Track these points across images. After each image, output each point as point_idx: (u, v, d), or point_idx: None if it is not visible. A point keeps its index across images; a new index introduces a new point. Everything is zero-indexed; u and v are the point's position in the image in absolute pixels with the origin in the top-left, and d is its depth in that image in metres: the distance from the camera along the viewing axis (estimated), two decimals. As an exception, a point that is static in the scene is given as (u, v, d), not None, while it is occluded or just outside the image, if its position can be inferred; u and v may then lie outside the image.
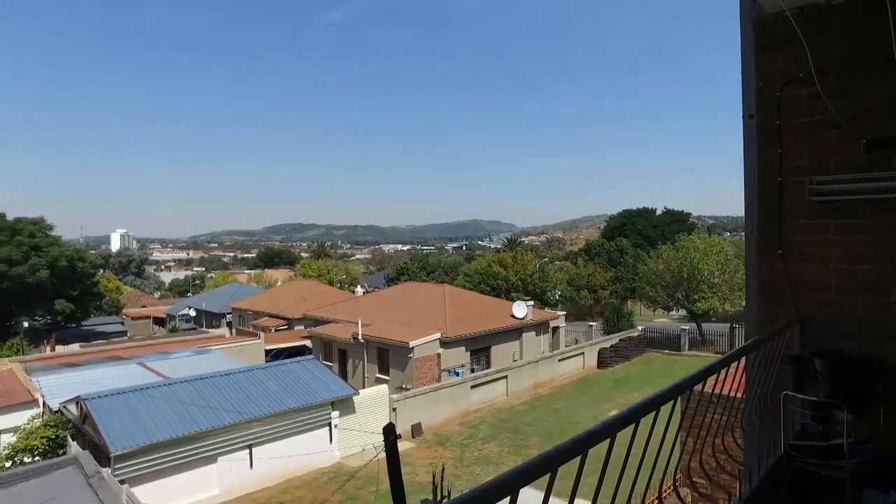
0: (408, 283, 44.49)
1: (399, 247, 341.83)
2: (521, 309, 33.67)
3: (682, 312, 44.43)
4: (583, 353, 34.41)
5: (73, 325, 47.84)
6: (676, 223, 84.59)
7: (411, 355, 27.78)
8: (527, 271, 51.97)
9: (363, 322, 31.45)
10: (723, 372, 2.40)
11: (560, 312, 40.36)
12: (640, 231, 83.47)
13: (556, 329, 38.64)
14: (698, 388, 2.29)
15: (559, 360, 32.50)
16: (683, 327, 38.87)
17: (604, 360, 34.87)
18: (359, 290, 52.77)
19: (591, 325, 42.97)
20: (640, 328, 40.44)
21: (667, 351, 37.85)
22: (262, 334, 36.70)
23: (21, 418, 19.70)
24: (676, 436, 2.20)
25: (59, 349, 36.05)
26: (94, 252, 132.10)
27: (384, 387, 23.32)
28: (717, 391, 2.43)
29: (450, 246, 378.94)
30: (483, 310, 34.59)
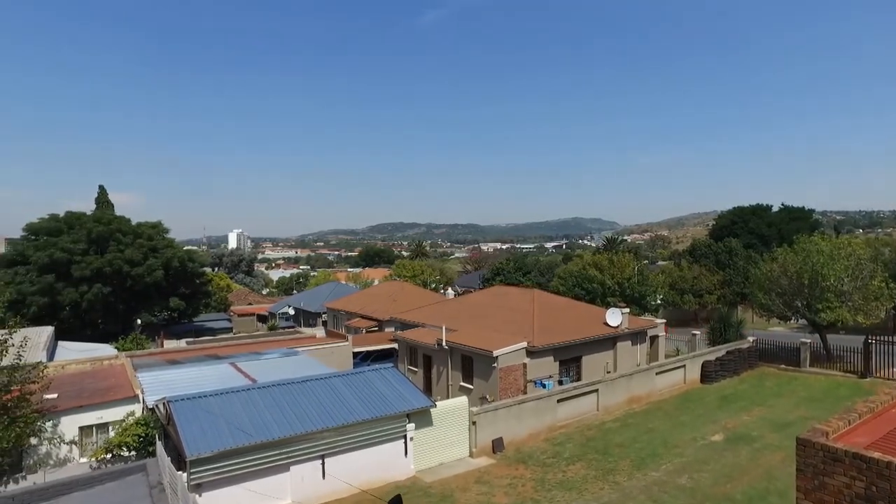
0: (497, 288, 43.39)
1: (498, 245, 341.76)
2: (615, 317, 31.54)
3: (802, 322, 39.83)
4: (684, 366, 31.62)
5: (185, 321, 51.54)
6: (796, 221, 76.94)
7: (495, 365, 26.76)
8: (624, 274, 49.06)
9: (449, 327, 30.88)
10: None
11: (659, 320, 37.51)
12: (753, 230, 76.71)
13: (654, 338, 35.99)
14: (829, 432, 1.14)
15: (657, 374, 30.02)
16: (804, 339, 34.67)
17: (708, 373, 31.86)
18: (449, 292, 52.45)
19: (694, 334, 39.67)
20: (751, 338, 36.70)
21: (783, 366, 33.98)
22: (351, 336, 37.20)
23: (123, 413, 20.96)
24: None
25: (169, 344, 38.60)
26: (213, 251, 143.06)
27: (463, 399, 22.47)
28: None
29: (549, 245, 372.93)
30: (574, 317, 32.83)
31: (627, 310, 33.38)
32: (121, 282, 43.27)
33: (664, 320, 38.25)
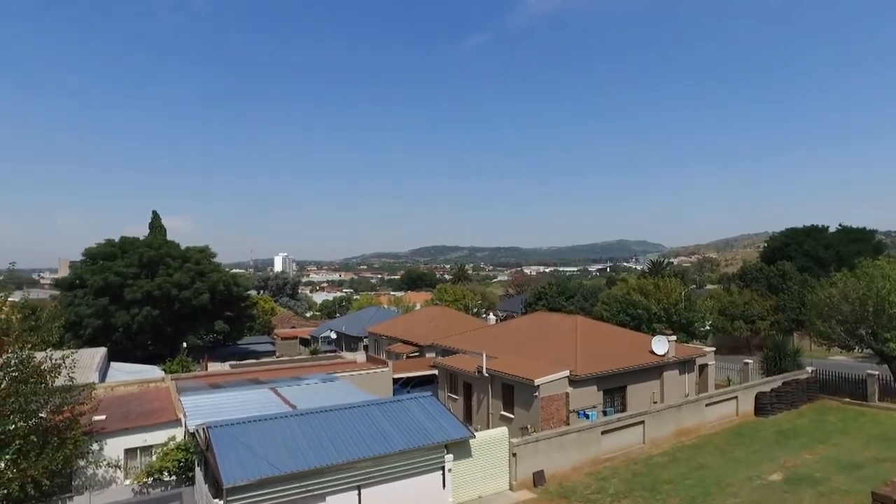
0: (539, 314, 42.66)
1: (541, 269, 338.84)
2: (661, 345, 30.41)
3: (868, 351, 37.50)
4: (736, 397, 30.08)
5: (230, 343, 52.58)
6: (856, 243, 73.25)
7: (537, 394, 26.08)
8: (670, 299, 47.52)
9: (489, 354, 30.37)
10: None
11: (709, 348, 35.97)
12: (808, 252, 73.41)
13: (703, 367, 34.49)
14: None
15: (707, 405, 28.63)
16: (871, 371, 32.47)
17: (763, 406, 30.19)
18: (491, 317, 51.86)
19: (746, 363, 37.84)
20: (809, 369, 34.71)
21: (848, 399, 31.91)
22: (391, 362, 37.04)
23: (165, 436, 21.27)
24: None
25: (213, 367, 39.32)
26: (259, 274, 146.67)
27: (504, 429, 21.87)
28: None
29: (593, 268, 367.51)
30: (619, 344, 31.82)
31: (674, 337, 32.18)
32: (169, 305, 44.60)
33: (713, 348, 36.66)
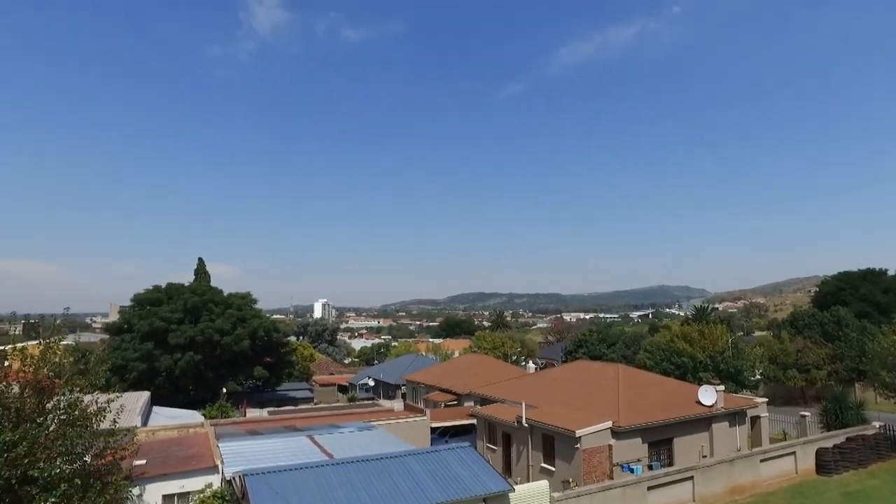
0: (580, 363, 41.66)
1: (581, 315, 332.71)
2: (708, 395, 29.08)
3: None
4: (794, 453, 28.29)
5: (269, 389, 52.87)
6: (918, 287, 69.61)
7: (578, 446, 25.13)
8: (716, 347, 45.71)
9: (529, 404, 29.61)
10: None
11: (760, 399, 34.19)
12: (866, 297, 69.95)
13: (755, 419, 32.72)
14: None
15: (762, 460, 26.99)
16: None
17: (825, 463, 28.26)
18: (530, 366, 50.87)
19: (803, 416, 35.71)
20: (876, 423, 32.46)
21: (922, 458, 29.58)
22: (429, 411, 36.49)
23: (203, 483, 21.22)
24: None
25: (252, 413, 39.46)
26: (299, 320, 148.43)
27: (544, 483, 21.05)
28: None
29: (634, 314, 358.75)
30: (663, 394, 30.61)
31: (722, 387, 30.78)
32: (211, 350, 45.40)
33: (765, 399, 34.80)
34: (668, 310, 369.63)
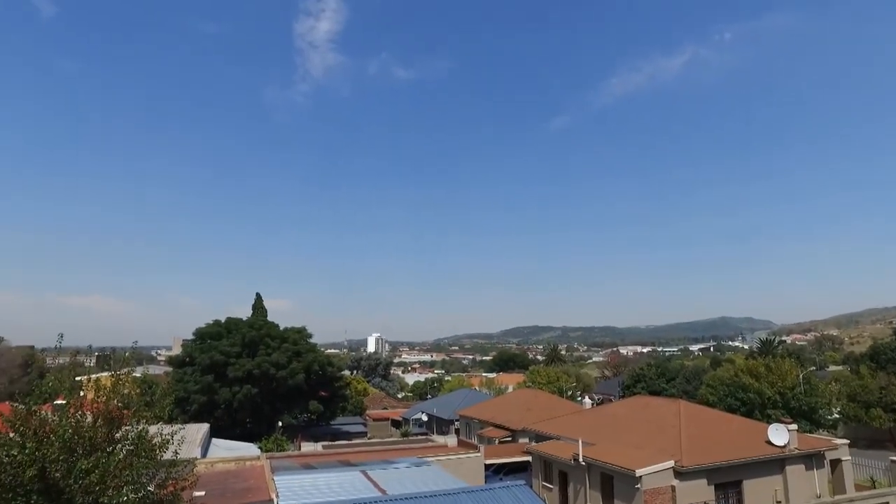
0: (638, 398, 40.22)
1: (638, 348, 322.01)
2: (780, 434, 27.36)
3: None
4: (887, 502, 26.10)
5: (323, 423, 53.30)
6: None
7: (639, 486, 24.04)
8: (786, 383, 43.19)
9: (586, 441, 28.70)
10: None
11: (840, 441, 31.88)
12: (956, 331, 64.80)
13: (836, 463, 30.44)
14: None
15: (844, 507, 25.07)
16: None
17: (917, 512, 25.93)
18: (586, 401, 49.46)
19: (894, 461, 32.93)
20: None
21: None
22: (483, 447, 35.88)
23: (260, 519, 21.38)
24: None
25: (306, 447, 39.78)
26: (353, 354, 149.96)
27: (604, 524, 20.19)
28: None
29: (695, 347, 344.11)
30: (729, 433, 29.01)
31: (795, 426, 28.90)
32: (267, 383, 46.37)
33: (846, 440, 32.41)
34: (730, 343, 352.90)
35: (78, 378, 18.53)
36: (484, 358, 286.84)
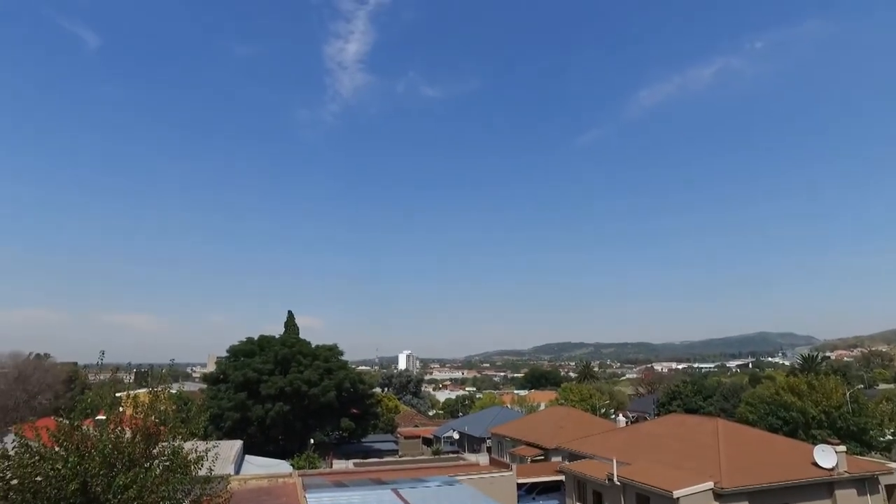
0: (674, 416, 39.19)
1: (673, 365, 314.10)
2: (827, 456, 26.28)
3: None
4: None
5: (354, 441, 53.32)
6: None
7: (677, 507, 23.32)
8: (831, 401, 41.54)
9: (620, 460, 28.06)
10: None
11: (895, 464, 30.45)
12: None
13: (892, 488, 29.03)
14: None
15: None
16: None
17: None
18: (620, 419, 48.37)
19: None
20: None
21: None
22: (515, 466, 35.39)
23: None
24: None
25: (338, 464, 39.83)
26: (384, 371, 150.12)
27: (641, 547, 19.61)
28: None
29: (732, 364, 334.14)
30: (771, 454, 27.99)
31: (843, 448, 27.72)
32: (299, 401, 46.72)
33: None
34: (769, 359, 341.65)
35: (118, 394, 18.98)
36: (515, 375, 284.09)
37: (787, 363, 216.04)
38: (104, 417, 15.62)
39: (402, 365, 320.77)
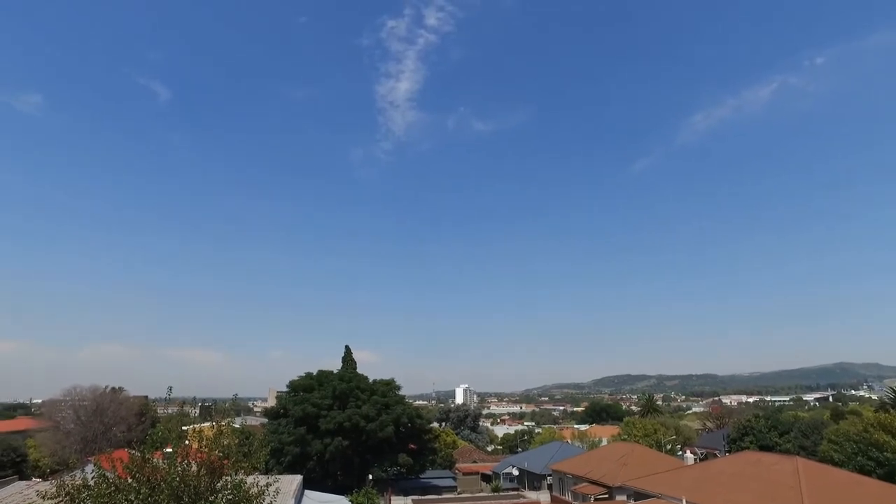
0: (748, 454, 36.95)
1: (742, 398, 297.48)
2: (924, 499, 24.03)
3: None
4: None
5: (413, 477, 52.80)
6: None
7: (756, 554, 21.75)
8: (930, 441, 38.11)
9: (690, 500, 26.62)
10: None
11: None
12: None
13: None
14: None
15: None
16: None
17: None
18: (688, 456, 46.03)
19: None
20: None
21: None
22: (578, 504, 34.06)
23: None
24: None
25: (396, 501, 39.47)
26: (440, 406, 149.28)
27: None
28: None
29: (809, 397, 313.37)
30: (865, 498, 25.83)
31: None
32: (357, 436, 46.84)
33: None
34: (852, 391, 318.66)
35: (184, 427, 19.62)
36: (575, 409, 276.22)
37: (873, 397, 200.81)
38: (172, 450, 16.14)
39: (458, 399, 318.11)
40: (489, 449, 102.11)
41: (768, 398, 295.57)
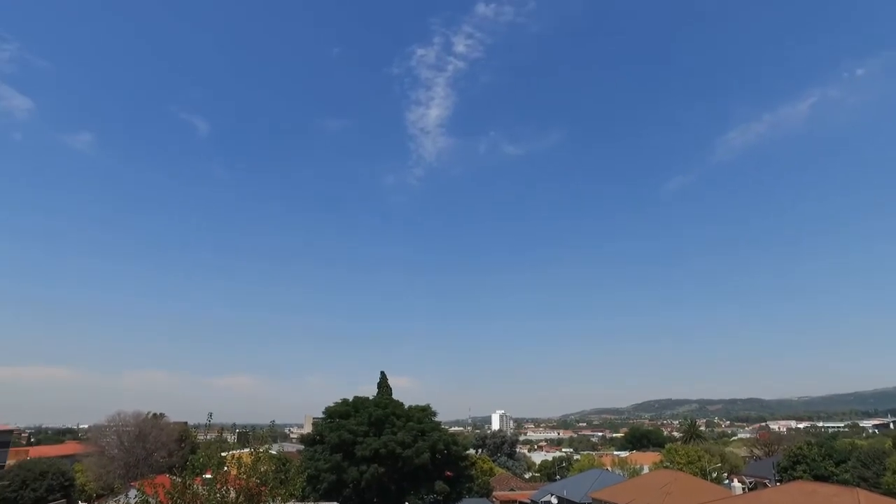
0: (800, 483, 35.22)
1: (792, 423, 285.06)
2: None
3: None
4: None
5: (449, 504, 52.02)
6: None
7: (813, 590, 20.55)
8: None
9: (740, 532, 25.39)
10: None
11: None
12: None
13: None
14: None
15: None
16: None
17: None
18: (736, 485, 44.25)
19: None
20: None
21: None
22: (620, 535, 32.91)
23: None
24: None
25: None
26: (477, 432, 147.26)
27: None
28: None
29: (867, 423, 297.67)
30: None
31: None
32: (393, 462, 46.54)
33: None
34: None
35: (223, 453, 19.83)
36: (614, 435, 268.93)
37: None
38: (211, 476, 16.32)
39: (495, 425, 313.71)
40: (527, 476, 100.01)
41: (820, 424, 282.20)
